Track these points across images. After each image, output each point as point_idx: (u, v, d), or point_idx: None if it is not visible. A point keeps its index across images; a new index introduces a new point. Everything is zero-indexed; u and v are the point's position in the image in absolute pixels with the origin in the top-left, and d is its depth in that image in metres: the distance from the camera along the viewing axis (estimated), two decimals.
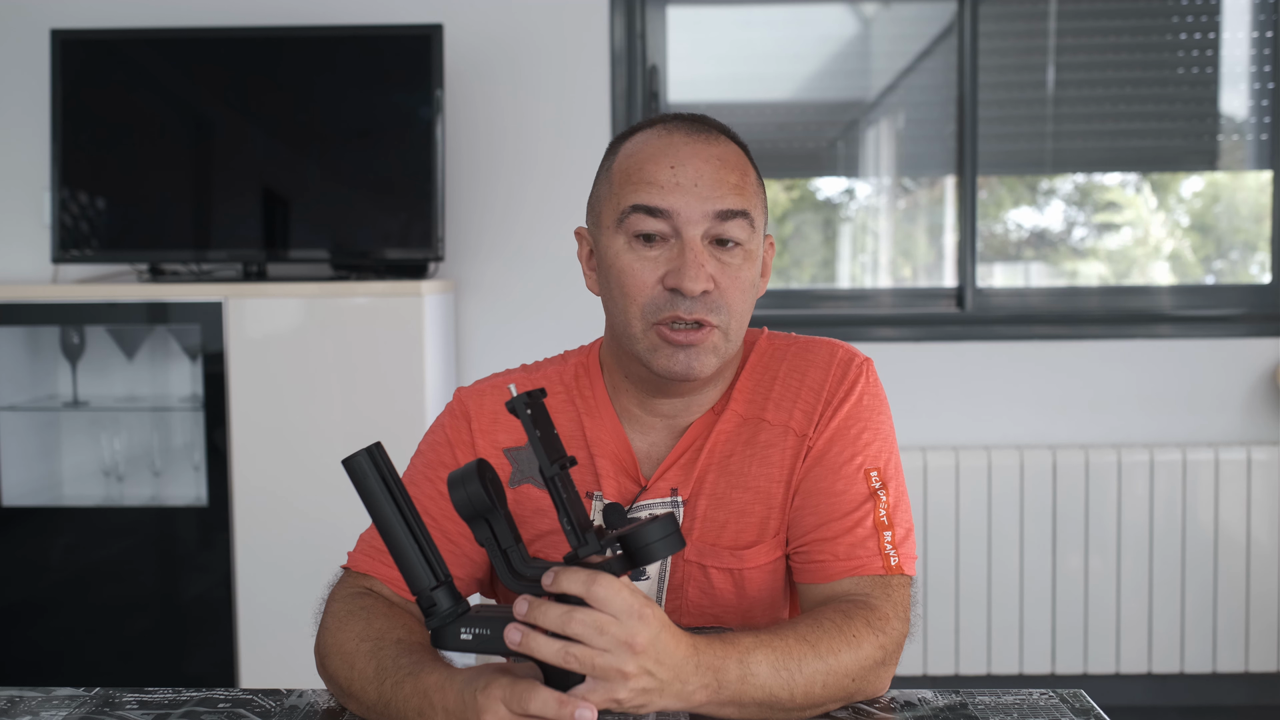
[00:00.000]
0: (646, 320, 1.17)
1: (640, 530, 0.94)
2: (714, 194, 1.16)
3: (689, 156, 1.18)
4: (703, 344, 1.17)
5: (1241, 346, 3.15)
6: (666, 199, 1.16)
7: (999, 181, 3.34)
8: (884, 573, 1.17)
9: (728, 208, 1.17)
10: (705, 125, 1.22)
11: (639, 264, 1.17)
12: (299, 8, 3.11)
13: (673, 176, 1.17)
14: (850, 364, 1.25)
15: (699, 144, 1.19)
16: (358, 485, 0.95)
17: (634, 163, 1.19)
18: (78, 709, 1.12)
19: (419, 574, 0.96)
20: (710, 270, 1.16)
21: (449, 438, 1.29)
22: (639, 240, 1.17)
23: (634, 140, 1.22)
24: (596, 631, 0.93)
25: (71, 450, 3.12)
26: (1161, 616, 3.06)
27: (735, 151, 1.21)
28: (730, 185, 1.17)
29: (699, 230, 1.16)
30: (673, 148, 1.19)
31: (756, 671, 1.02)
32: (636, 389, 1.25)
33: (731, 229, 1.17)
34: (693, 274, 1.14)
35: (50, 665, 2.86)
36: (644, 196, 1.17)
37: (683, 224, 1.16)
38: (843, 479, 1.20)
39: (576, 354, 1.33)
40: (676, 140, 1.19)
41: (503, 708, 0.94)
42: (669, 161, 1.18)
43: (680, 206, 1.16)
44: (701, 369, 1.18)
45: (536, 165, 3.15)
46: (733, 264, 1.18)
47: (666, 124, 1.22)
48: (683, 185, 1.16)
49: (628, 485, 1.24)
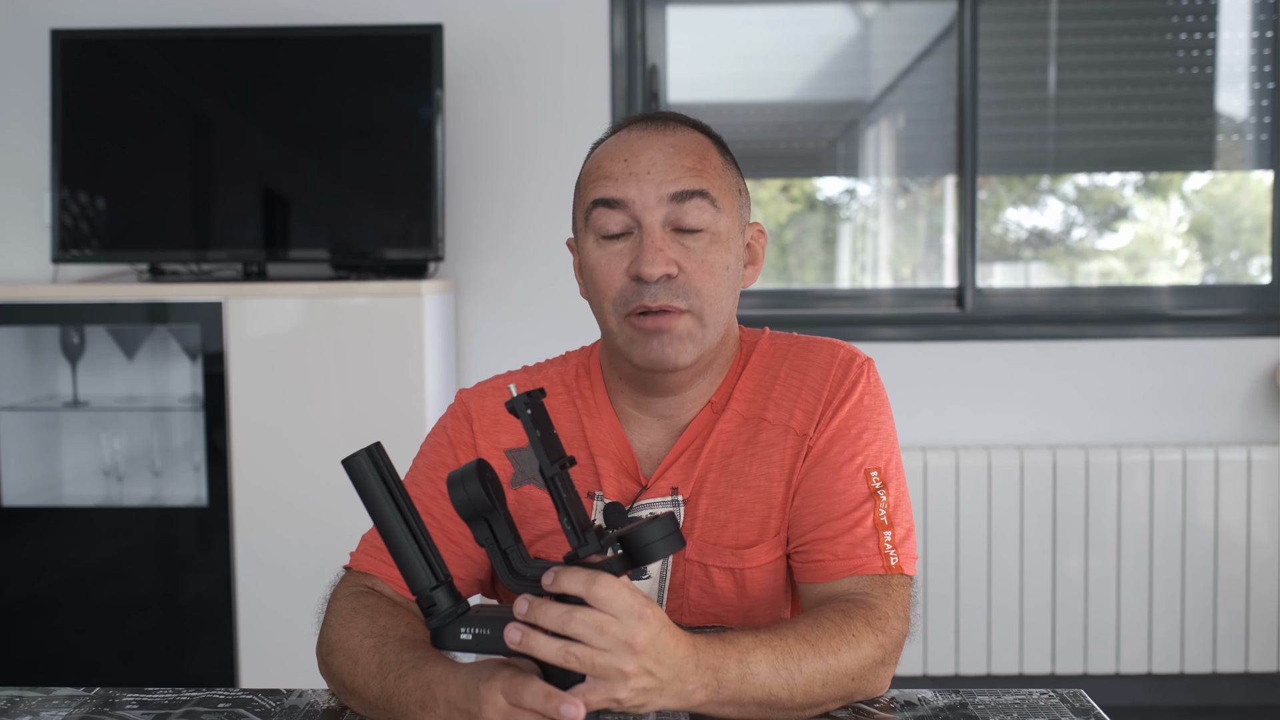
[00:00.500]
0: (619, 313, 1.19)
1: (640, 530, 0.95)
2: (667, 178, 1.18)
3: (643, 148, 1.20)
4: (673, 329, 1.17)
5: (1241, 346, 3.15)
6: (621, 189, 1.18)
7: (999, 181, 3.34)
8: (884, 572, 1.17)
9: (681, 189, 1.17)
10: (664, 119, 1.24)
11: (606, 259, 1.19)
12: (299, 8, 3.11)
13: (626, 168, 1.19)
14: (851, 364, 1.25)
15: (653, 135, 1.21)
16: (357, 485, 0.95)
17: (593, 163, 1.22)
18: (78, 709, 1.12)
19: (419, 574, 0.96)
20: (672, 255, 1.17)
21: (450, 438, 1.29)
22: (605, 238, 1.19)
23: (598, 146, 1.25)
24: (596, 631, 0.93)
25: (71, 450, 3.12)
26: (1161, 616, 3.06)
27: (694, 138, 1.22)
28: (685, 168, 1.18)
29: (657, 217, 1.17)
30: (628, 142, 1.21)
31: (756, 671, 1.02)
32: (630, 389, 1.26)
33: (690, 210, 1.18)
34: (649, 258, 1.15)
35: (50, 665, 2.86)
36: (600, 190, 1.19)
37: (639, 211, 1.17)
38: (843, 479, 1.21)
39: (577, 355, 1.34)
40: (632, 136, 1.22)
41: (501, 698, 0.96)
42: (623, 155, 1.20)
43: (634, 195, 1.17)
44: (677, 356, 1.18)
45: (536, 165, 3.15)
46: (697, 248, 1.18)
47: (629, 124, 1.25)
48: (636, 174, 1.18)
49: (628, 485, 1.24)
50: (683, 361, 1.18)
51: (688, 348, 1.18)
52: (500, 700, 0.96)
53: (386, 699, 1.07)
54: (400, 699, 1.06)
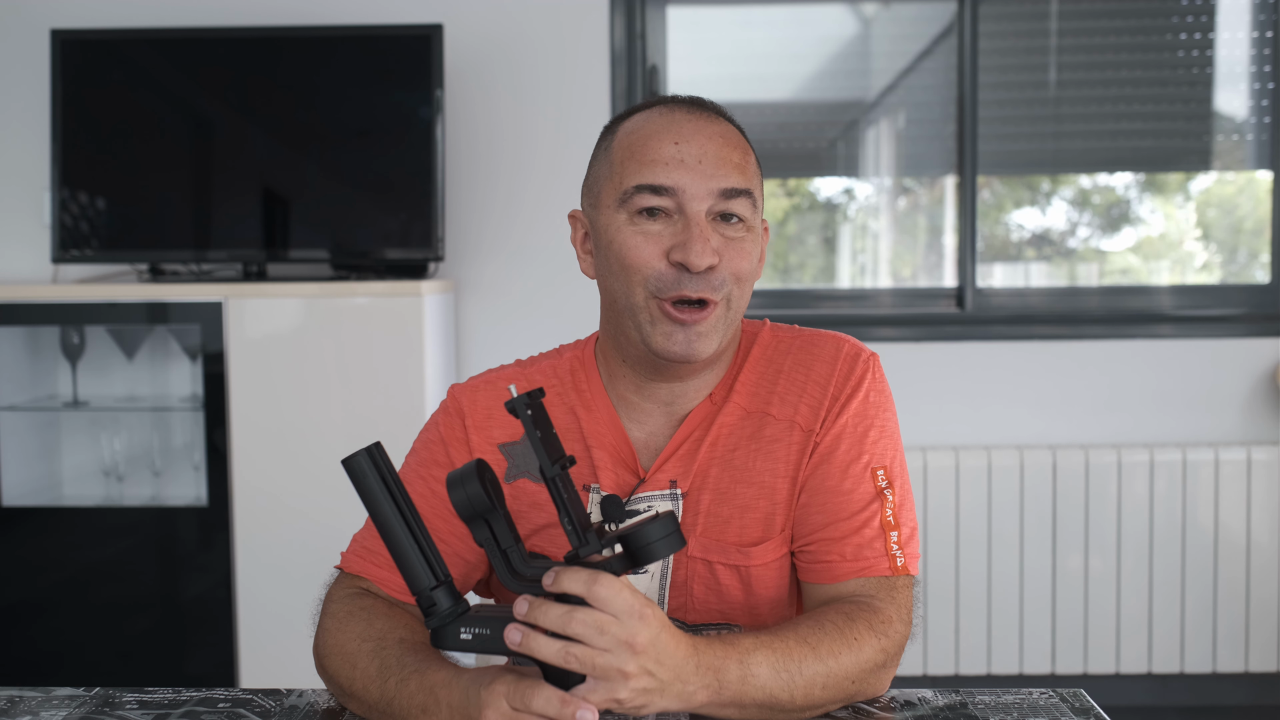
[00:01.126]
0: (648, 293, 1.16)
1: (641, 529, 0.94)
2: (719, 171, 1.16)
3: (692, 133, 1.17)
4: (704, 322, 1.16)
5: (1242, 346, 3.15)
6: (671, 175, 1.15)
7: (1002, 182, 3.34)
8: (890, 574, 1.17)
9: (732, 186, 1.16)
10: (705, 105, 1.22)
11: (641, 239, 1.16)
12: (299, 8, 3.11)
13: (677, 153, 1.16)
14: (857, 359, 1.24)
15: (702, 121, 1.19)
16: (357, 485, 0.95)
17: (636, 139, 1.18)
18: (78, 709, 1.12)
19: (419, 574, 0.96)
20: (715, 245, 1.15)
21: (443, 435, 1.28)
22: (641, 215, 1.16)
23: (634, 119, 1.21)
24: (597, 631, 0.92)
25: (71, 450, 3.12)
26: (1161, 616, 3.06)
27: (736, 132, 1.21)
28: (734, 164, 1.17)
29: (703, 206, 1.15)
30: (675, 124, 1.18)
31: (757, 673, 1.02)
32: (634, 373, 1.23)
33: (735, 206, 1.17)
34: (699, 249, 1.13)
35: (50, 665, 2.86)
36: (648, 175, 1.16)
37: (687, 200, 1.15)
38: (850, 478, 1.20)
39: (571, 348, 1.32)
40: (678, 117, 1.19)
41: (505, 703, 0.95)
42: (672, 138, 1.17)
43: (685, 183, 1.15)
44: (703, 349, 1.17)
45: (536, 165, 3.15)
46: (736, 238, 1.17)
47: (666, 104, 1.22)
48: (687, 162, 1.16)
49: (625, 477, 1.22)
50: (705, 353, 1.17)
51: (712, 339, 1.17)
52: (503, 705, 0.95)
53: (387, 703, 1.07)
54: (402, 703, 1.05)
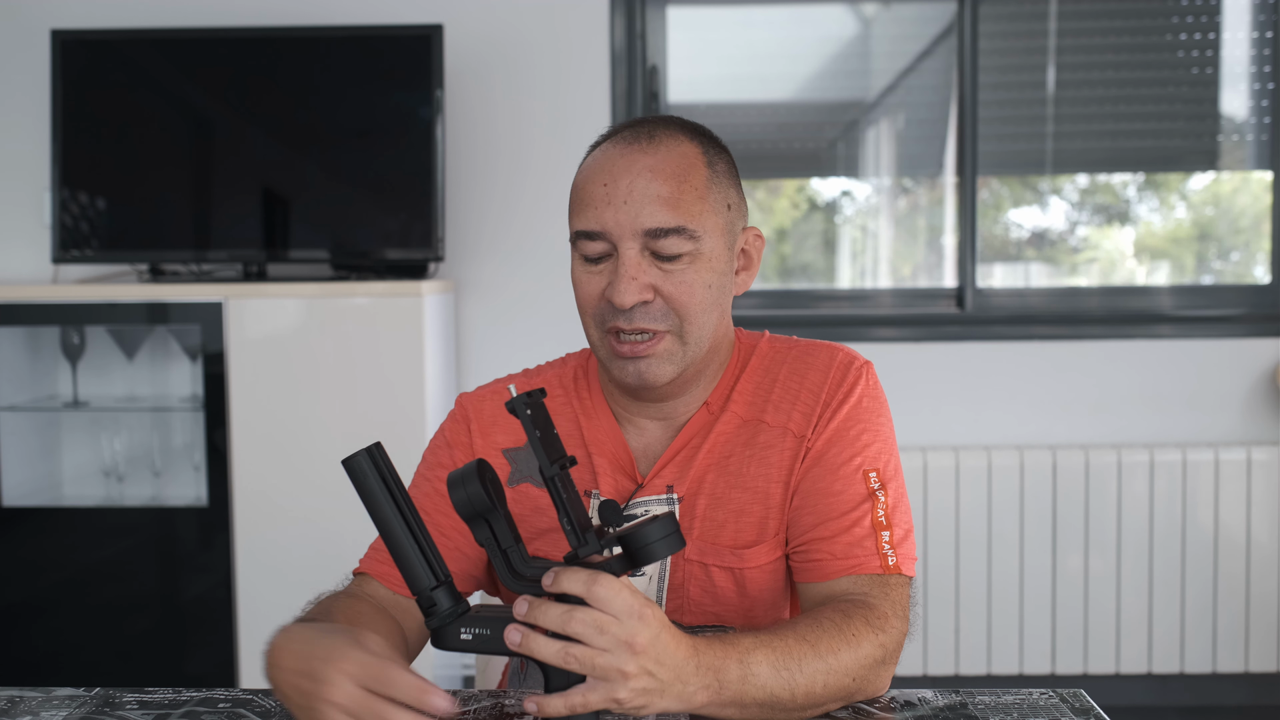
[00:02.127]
0: (599, 330, 1.20)
1: (640, 530, 0.95)
2: (643, 210, 1.15)
3: (621, 171, 1.17)
4: (651, 354, 1.18)
5: (1241, 346, 3.15)
6: (599, 218, 1.16)
7: (1001, 182, 3.34)
8: (882, 572, 1.17)
9: (657, 225, 1.15)
10: (651, 129, 1.20)
11: (586, 278, 1.20)
12: (300, 8, 3.11)
13: (605, 194, 1.16)
14: (850, 367, 1.26)
15: (634, 154, 1.17)
16: (357, 485, 0.95)
17: (579, 181, 1.21)
18: (78, 709, 1.12)
19: (419, 574, 0.96)
20: (648, 280, 1.16)
21: (448, 439, 1.32)
22: (586, 259, 1.20)
23: (588, 156, 1.23)
24: (597, 631, 0.92)
25: (71, 450, 3.12)
26: (1161, 616, 3.06)
27: (678, 154, 1.18)
28: (660, 199, 1.15)
29: (633, 246, 1.16)
30: (608, 162, 1.18)
31: (757, 672, 1.02)
32: (621, 393, 1.27)
33: (666, 246, 1.16)
34: (623, 288, 1.15)
35: (50, 665, 2.85)
36: (581, 220, 1.18)
37: (616, 240, 1.16)
38: (841, 479, 1.21)
39: (576, 357, 1.36)
40: (613, 154, 1.19)
41: (350, 684, 0.91)
42: (602, 179, 1.18)
43: (611, 225, 1.16)
44: (656, 377, 1.18)
45: (536, 165, 3.15)
46: (675, 271, 1.17)
47: (615, 135, 1.22)
48: (614, 202, 1.16)
49: (624, 483, 1.25)
50: (662, 380, 1.19)
51: (666, 368, 1.19)
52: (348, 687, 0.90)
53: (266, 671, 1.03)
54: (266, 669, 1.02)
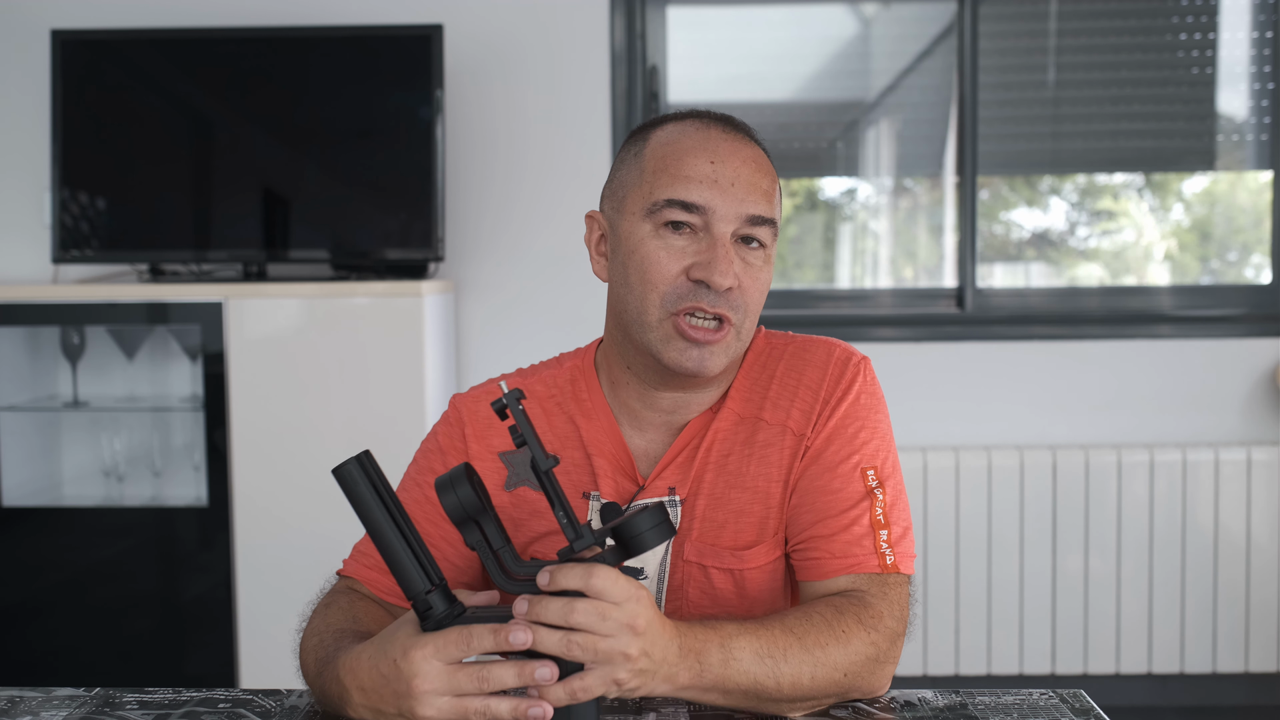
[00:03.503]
0: (665, 309, 1.17)
1: (631, 521, 0.96)
2: (749, 196, 1.17)
3: (729, 154, 1.18)
4: (718, 343, 1.17)
5: (1241, 346, 3.15)
6: (704, 194, 1.16)
7: (1002, 181, 3.34)
8: (880, 571, 1.17)
9: (759, 214, 1.18)
10: (738, 125, 1.23)
11: (664, 252, 1.17)
12: (300, 8, 3.11)
13: (711, 172, 1.17)
14: (848, 363, 1.25)
15: (737, 143, 1.20)
16: (348, 493, 0.96)
17: (671, 152, 1.19)
18: (78, 709, 1.12)
19: (413, 578, 0.96)
20: (736, 269, 1.17)
21: (440, 445, 1.30)
22: (667, 228, 1.17)
23: (668, 129, 1.22)
24: (600, 618, 0.94)
25: (71, 450, 3.12)
26: (1161, 616, 3.06)
27: (766, 158, 1.23)
28: (763, 191, 1.19)
29: (730, 229, 1.17)
30: (711, 142, 1.19)
31: (739, 657, 1.04)
32: (639, 382, 1.24)
33: (759, 233, 1.19)
34: (723, 269, 1.15)
35: (50, 665, 2.86)
36: (680, 190, 1.16)
37: (715, 220, 1.16)
38: (839, 477, 1.21)
39: (571, 356, 1.33)
40: (714, 135, 1.20)
41: (434, 663, 0.95)
42: (708, 156, 1.18)
43: (717, 203, 1.16)
44: (713, 367, 1.18)
45: (536, 165, 3.14)
46: (755, 264, 1.19)
47: (701, 118, 1.22)
48: (720, 182, 1.17)
49: (625, 485, 1.24)
50: (715, 371, 1.19)
51: (721, 360, 1.19)
52: (433, 665, 0.95)
53: (323, 698, 1.07)
54: (328, 697, 1.06)
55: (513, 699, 0.95)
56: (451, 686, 0.95)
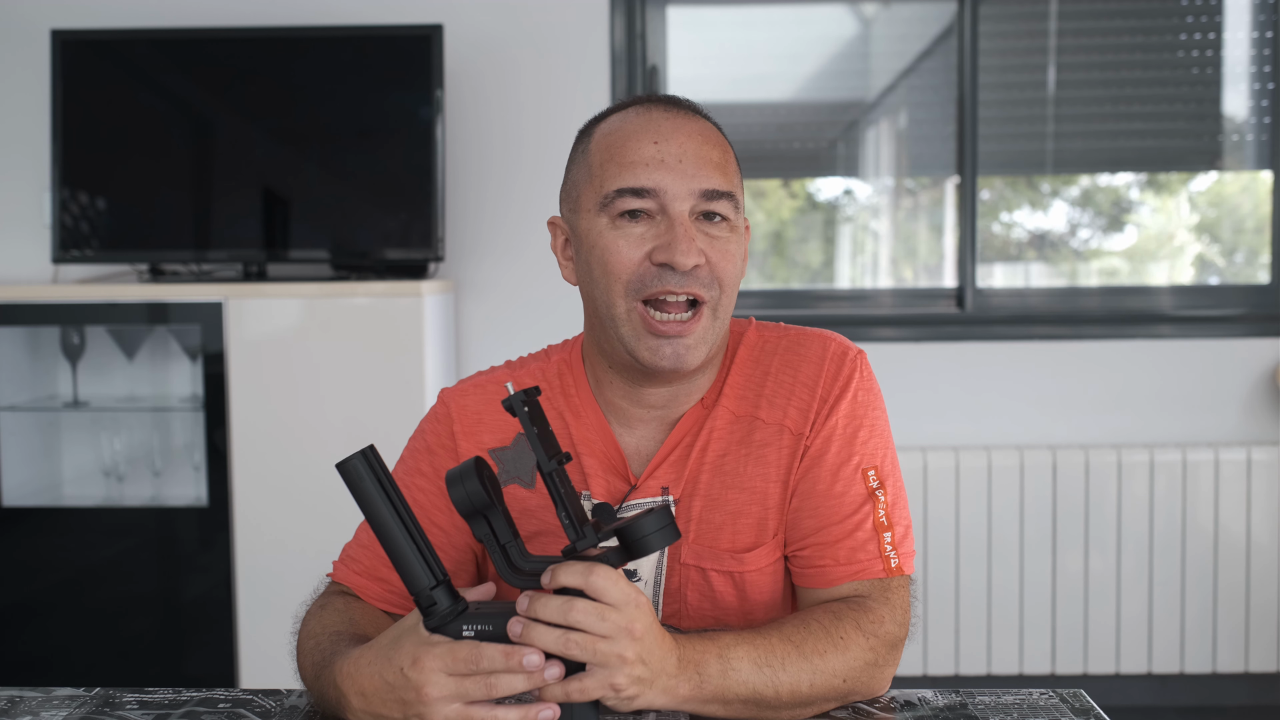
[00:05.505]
0: (630, 300, 1.14)
1: (637, 522, 0.95)
2: (700, 171, 1.14)
3: (671, 131, 1.15)
4: (691, 334, 1.14)
5: (1241, 346, 3.15)
6: (652, 176, 1.13)
7: (1004, 182, 3.34)
8: (885, 575, 1.16)
9: (713, 187, 1.14)
10: (681, 103, 1.20)
11: (623, 241, 1.13)
12: (299, 8, 3.11)
13: (656, 152, 1.13)
14: (844, 358, 1.22)
15: (680, 119, 1.16)
16: (352, 488, 0.95)
17: (614, 140, 1.16)
18: (78, 709, 1.12)
19: (417, 574, 0.96)
20: (700, 245, 1.13)
21: (429, 444, 1.26)
22: (623, 218, 1.14)
23: (610, 121, 1.19)
24: (598, 618, 0.94)
25: (71, 450, 3.12)
26: (1161, 616, 3.06)
27: (715, 130, 1.19)
28: (714, 163, 1.15)
29: (686, 206, 1.13)
30: (653, 123, 1.16)
31: (738, 667, 1.03)
32: (622, 380, 1.21)
33: (719, 206, 1.15)
34: (684, 247, 1.11)
35: (50, 665, 2.85)
36: (628, 177, 1.13)
37: (669, 200, 1.13)
38: (841, 480, 1.19)
39: (559, 350, 1.30)
40: (656, 116, 1.17)
41: (444, 676, 0.94)
42: (651, 137, 1.14)
43: (667, 183, 1.13)
44: (692, 359, 1.15)
45: (536, 165, 3.14)
46: (721, 237, 1.15)
47: (641, 103, 1.19)
48: (667, 161, 1.13)
49: (617, 484, 1.21)
50: (695, 363, 1.15)
51: (700, 350, 1.15)
52: (441, 678, 0.94)
53: (321, 701, 1.07)
54: (325, 701, 1.06)
55: (520, 706, 0.95)
56: (459, 694, 0.94)
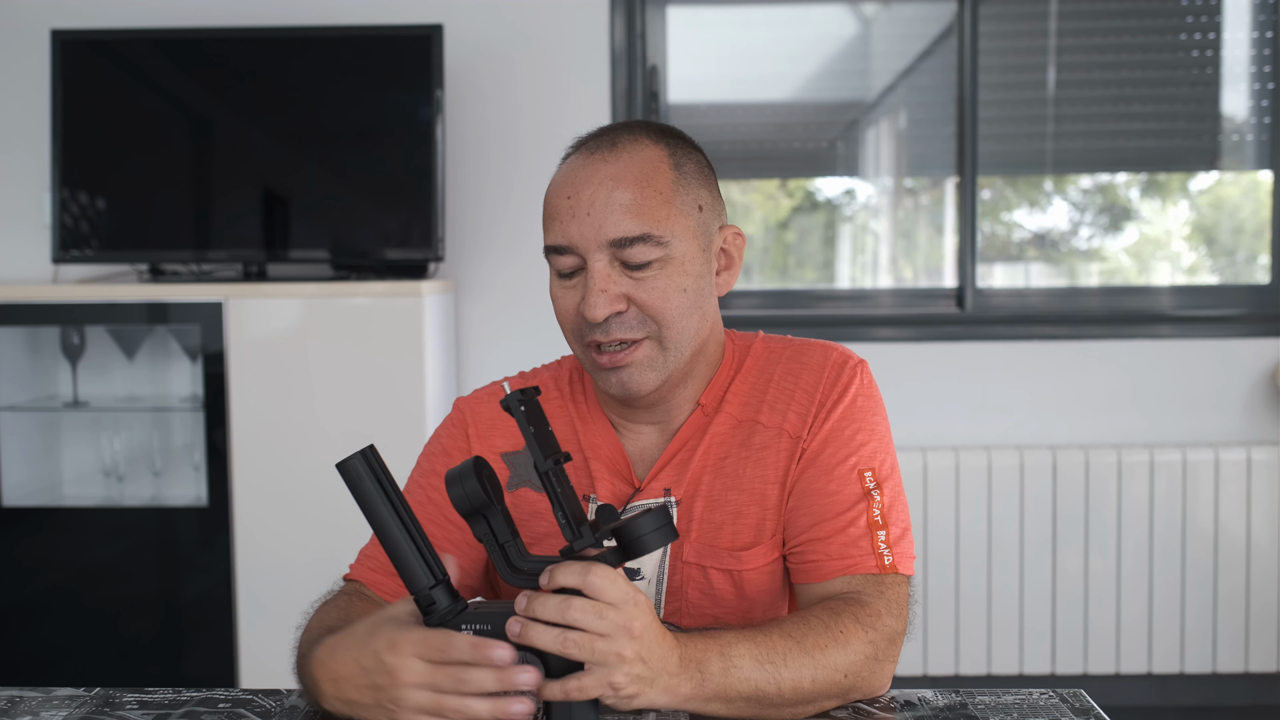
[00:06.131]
0: (580, 343, 1.19)
1: (634, 522, 0.96)
2: (607, 220, 1.14)
3: (584, 182, 1.16)
4: (631, 362, 1.17)
5: (1241, 346, 3.15)
6: (565, 232, 1.16)
7: (1005, 182, 3.34)
8: (878, 571, 1.17)
9: (621, 235, 1.14)
10: (611, 137, 1.19)
11: (561, 293, 1.19)
12: (299, 8, 3.11)
13: (569, 206, 1.16)
14: (844, 366, 1.25)
15: (595, 164, 1.17)
16: (353, 488, 0.96)
17: (548, 194, 1.20)
18: (78, 709, 1.12)
19: (417, 573, 0.97)
20: (621, 290, 1.15)
21: (444, 447, 1.31)
22: (561, 275, 1.19)
23: (558, 168, 1.22)
24: (596, 616, 0.94)
25: (71, 450, 3.12)
26: (1161, 616, 3.06)
27: (641, 159, 1.17)
28: (623, 208, 1.14)
29: (601, 257, 1.15)
30: (571, 174, 1.18)
31: (740, 665, 1.03)
32: (611, 400, 1.26)
33: (633, 254, 1.15)
34: (592, 302, 1.14)
35: (50, 665, 2.85)
36: (551, 235, 1.18)
37: (584, 252, 1.16)
38: (836, 479, 1.21)
39: (570, 359, 1.34)
40: (576, 165, 1.18)
41: (419, 662, 0.95)
42: (566, 191, 1.17)
43: (576, 238, 1.15)
44: (639, 386, 1.18)
45: (536, 165, 3.14)
46: (647, 278, 1.16)
47: (581, 146, 1.21)
48: (577, 214, 1.15)
49: (621, 487, 1.25)
50: (646, 389, 1.19)
51: (649, 375, 1.18)
52: (416, 664, 0.95)
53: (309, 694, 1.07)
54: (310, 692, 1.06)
55: (492, 699, 0.94)
56: (432, 682, 0.95)
